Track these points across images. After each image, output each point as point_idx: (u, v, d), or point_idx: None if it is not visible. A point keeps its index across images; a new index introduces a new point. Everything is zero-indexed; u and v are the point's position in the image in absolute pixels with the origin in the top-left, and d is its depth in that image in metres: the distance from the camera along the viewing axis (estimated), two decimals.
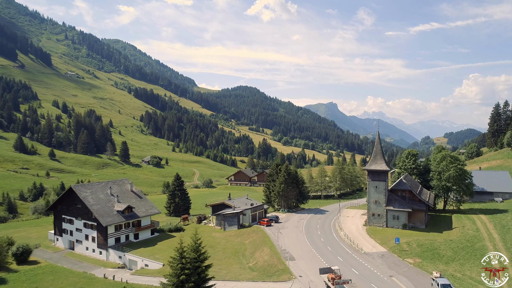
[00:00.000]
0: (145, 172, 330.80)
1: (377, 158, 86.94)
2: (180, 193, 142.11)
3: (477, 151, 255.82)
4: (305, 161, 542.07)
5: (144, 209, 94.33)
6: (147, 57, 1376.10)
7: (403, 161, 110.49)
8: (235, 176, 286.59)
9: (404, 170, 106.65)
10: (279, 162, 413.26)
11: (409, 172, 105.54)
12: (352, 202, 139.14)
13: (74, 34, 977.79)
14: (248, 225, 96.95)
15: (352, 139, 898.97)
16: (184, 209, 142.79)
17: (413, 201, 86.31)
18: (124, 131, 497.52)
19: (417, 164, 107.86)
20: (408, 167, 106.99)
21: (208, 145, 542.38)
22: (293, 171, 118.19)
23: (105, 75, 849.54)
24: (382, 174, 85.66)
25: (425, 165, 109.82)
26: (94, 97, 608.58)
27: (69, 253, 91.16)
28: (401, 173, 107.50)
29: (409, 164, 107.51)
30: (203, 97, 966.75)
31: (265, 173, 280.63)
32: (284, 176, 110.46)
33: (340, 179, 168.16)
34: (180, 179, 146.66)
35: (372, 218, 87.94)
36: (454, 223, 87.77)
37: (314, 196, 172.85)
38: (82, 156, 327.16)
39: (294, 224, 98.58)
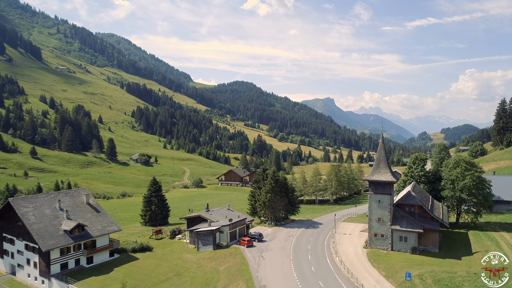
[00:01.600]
0: (132, 170, 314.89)
1: (380, 167, 71.21)
2: (157, 200, 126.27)
3: (481, 150, 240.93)
4: (301, 158, 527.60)
5: (100, 226, 78.57)
6: (142, 51, 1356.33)
7: (410, 166, 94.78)
8: (226, 176, 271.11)
9: (411, 178, 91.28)
10: (273, 159, 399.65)
11: (416, 180, 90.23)
12: (349, 211, 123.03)
13: (66, 28, 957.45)
14: (226, 245, 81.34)
15: (349, 135, 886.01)
16: (162, 217, 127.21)
17: (424, 219, 70.95)
18: (114, 127, 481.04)
19: (426, 171, 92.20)
20: (415, 175, 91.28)
21: (202, 141, 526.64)
22: (281, 178, 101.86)
23: (97, 69, 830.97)
24: (387, 186, 69.98)
25: (435, 172, 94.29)
26: (84, 92, 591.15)
27: (9, 280, 75.53)
28: (407, 181, 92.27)
29: (416, 171, 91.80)
30: (198, 93, 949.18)
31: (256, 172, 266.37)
32: (271, 184, 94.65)
33: (336, 182, 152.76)
34: (157, 183, 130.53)
35: (374, 239, 72.32)
36: (473, 244, 72.43)
37: (308, 200, 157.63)
38: (66, 154, 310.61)
39: (281, 243, 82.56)
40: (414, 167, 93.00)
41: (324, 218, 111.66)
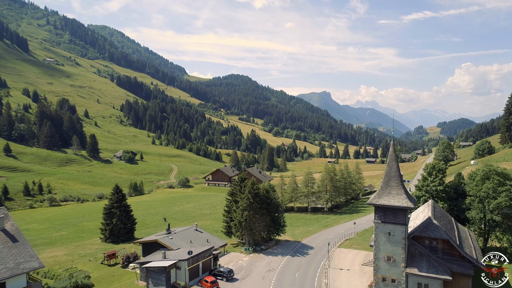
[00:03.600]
0: (115, 169, 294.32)
1: (391, 186, 51.35)
2: (119, 211, 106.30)
3: (489, 148, 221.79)
4: (296, 154, 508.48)
5: (13, 263, 58.48)
6: (136, 44, 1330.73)
7: (425, 178, 74.57)
8: (213, 176, 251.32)
9: (426, 193, 71.61)
10: (266, 155, 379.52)
11: (433, 195, 70.61)
12: (347, 226, 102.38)
13: (56, 19, 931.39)
14: (184, 285, 61.58)
15: (345, 129, 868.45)
16: (125, 232, 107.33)
17: (450, 257, 51.37)
18: (101, 122, 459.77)
19: (445, 185, 72.23)
20: (432, 189, 71.33)
21: (193, 137, 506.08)
22: (262, 191, 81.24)
23: (87, 62, 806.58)
24: (400, 214, 50.03)
25: (456, 185, 74.19)
26: (71, 85, 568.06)
27: None
28: (421, 197, 72.45)
29: (433, 184, 71.83)
30: (192, 86, 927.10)
31: (246, 172, 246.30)
32: (248, 199, 74.69)
33: (331, 187, 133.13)
34: (120, 192, 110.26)
35: (382, 285, 52.62)
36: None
37: (300, 208, 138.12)
38: (43, 151, 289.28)
39: (257, 284, 62.26)
40: (430, 179, 72.80)
41: (316, 238, 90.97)
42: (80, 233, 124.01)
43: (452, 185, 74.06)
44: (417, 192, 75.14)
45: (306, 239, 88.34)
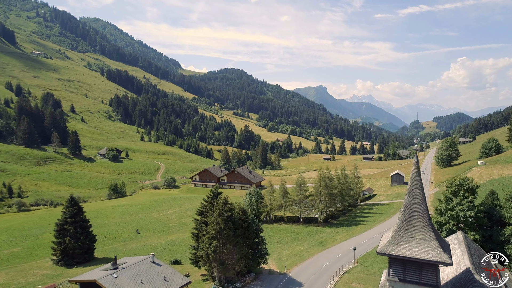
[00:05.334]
0: (97, 168, 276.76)
1: (414, 226, 33.85)
2: (73, 228, 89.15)
3: (496, 146, 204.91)
4: (291, 150, 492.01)
5: None
6: (129, 37, 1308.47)
7: (448, 198, 57.34)
8: (201, 176, 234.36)
9: (450, 220, 54.65)
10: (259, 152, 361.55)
11: (460, 221, 53.61)
12: (344, 249, 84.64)
13: (46, 11, 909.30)
14: None
15: (341, 124, 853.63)
16: (82, 252, 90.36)
17: None
18: (88, 117, 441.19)
19: (477, 209, 54.94)
20: (459, 215, 54.06)
21: (184, 132, 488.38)
22: (238, 212, 62.72)
23: (78, 55, 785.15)
24: (429, 270, 32.89)
25: (489, 209, 57.00)
26: (59, 79, 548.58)
27: None
28: (444, 224, 55.37)
29: (460, 208, 54.42)
30: (186, 80, 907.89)
31: (235, 172, 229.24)
32: (218, 224, 57.07)
33: (326, 195, 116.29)
34: (75, 204, 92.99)
35: None
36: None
37: (290, 218, 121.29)
38: (21, 149, 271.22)
39: None
40: (456, 200, 55.76)
41: (307, 267, 72.39)
42: (35, 250, 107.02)
43: (484, 209, 56.86)
44: (438, 218, 57.94)
45: (295, 270, 70.64)
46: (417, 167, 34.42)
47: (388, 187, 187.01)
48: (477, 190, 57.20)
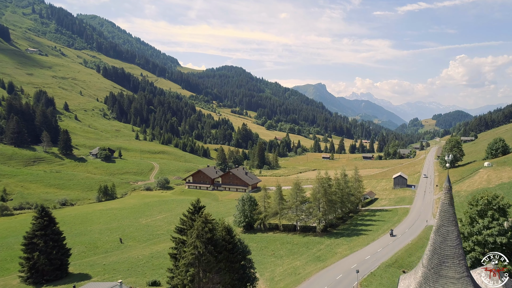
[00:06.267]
0: (88, 168, 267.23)
1: (445, 276, 23.79)
2: (43, 242, 79.94)
3: (503, 147, 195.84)
4: (290, 148, 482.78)
5: None
6: (127, 34, 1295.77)
7: (472, 219, 47.53)
8: (194, 177, 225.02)
9: (476, 246, 45.18)
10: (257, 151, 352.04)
11: (488, 248, 44.34)
12: (345, 268, 74.46)
13: (42, 8, 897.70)
14: None
15: (340, 122, 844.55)
16: (54, 268, 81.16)
17: None
18: (82, 115, 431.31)
19: (509, 234, 45.23)
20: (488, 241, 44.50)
21: (181, 131, 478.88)
22: (221, 232, 53.98)
23: (74, 52, 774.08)
24: None
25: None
26: (53, 76, 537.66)
27: None
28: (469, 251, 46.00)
29: (488, 232, 44.34)
30: (184, 77, 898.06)
31: (230, 173, 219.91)
32: (197, 248, 48.04)
33: (325, 202, 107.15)
34: (46, 215, 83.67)
35: None
36: None
37: (286, 227, 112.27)
38: (9, 149, 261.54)
39: None
40: (483, 222, 46.26)
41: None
42: (6, 263, 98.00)
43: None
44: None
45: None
46: (449, 195, 25.16)
47: (390, 190, 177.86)
48: (508, 211, 47.78)
